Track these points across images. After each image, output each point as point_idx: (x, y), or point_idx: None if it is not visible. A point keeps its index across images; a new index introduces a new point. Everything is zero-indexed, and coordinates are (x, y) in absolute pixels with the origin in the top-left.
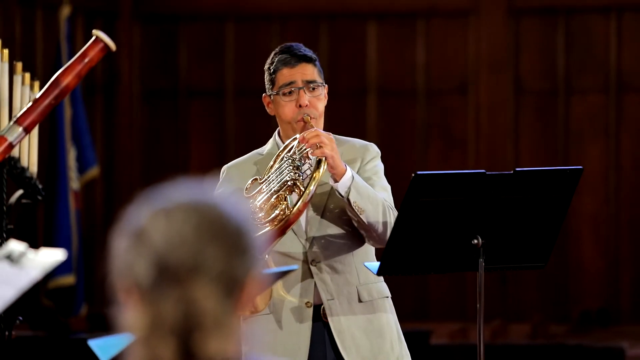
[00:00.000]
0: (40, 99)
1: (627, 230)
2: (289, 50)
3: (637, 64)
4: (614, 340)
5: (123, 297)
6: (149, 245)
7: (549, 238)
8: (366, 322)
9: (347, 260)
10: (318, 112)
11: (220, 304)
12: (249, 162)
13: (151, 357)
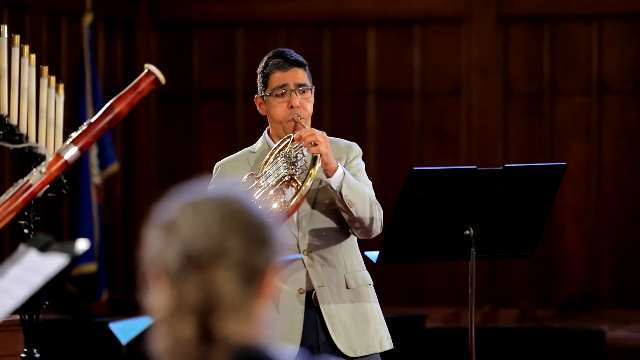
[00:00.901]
0: (94, 123)
1: (607, 222)
2: (282, 55)
3: (617, 68)
4: (595, 324)
5: (152, 282)
6: (177, 235)
7: (535, 229)
8: (353, 307)
9: (336, 250)
10: (307, 112)
11: (239, 290)
12: (241, 159)
13: (173, 335)
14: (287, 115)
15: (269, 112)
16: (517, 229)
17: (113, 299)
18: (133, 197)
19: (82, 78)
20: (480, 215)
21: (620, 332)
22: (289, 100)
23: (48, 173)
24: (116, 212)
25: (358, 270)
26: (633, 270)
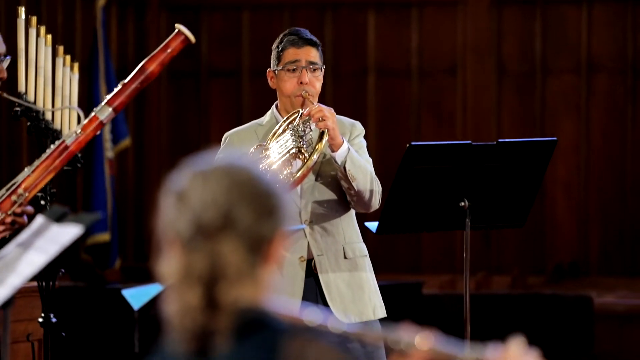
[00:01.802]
0: (128, 84)
1: (595, 194)
2: (297, 33)
3: (605, 48)
4: (583, 290)
5: (166, 248)
6: (187, 205)
7: (527, 201)
8: (349, 276)
9: (335, 222)
10: (315, 90)
11: (244, 258)
12: (249, 131)
13: (181, 303)
14: (296, 90)
15: (279, 86)
16: (510, 201)
17: (125, 267)
18: (144, 170)
19: (95, 57)
20: (474, 188)
21: (608, 298)
22: (300, 76)
23: (84, 133)
24: (128, 185)
25: (356, 242)
26: (619, 239)
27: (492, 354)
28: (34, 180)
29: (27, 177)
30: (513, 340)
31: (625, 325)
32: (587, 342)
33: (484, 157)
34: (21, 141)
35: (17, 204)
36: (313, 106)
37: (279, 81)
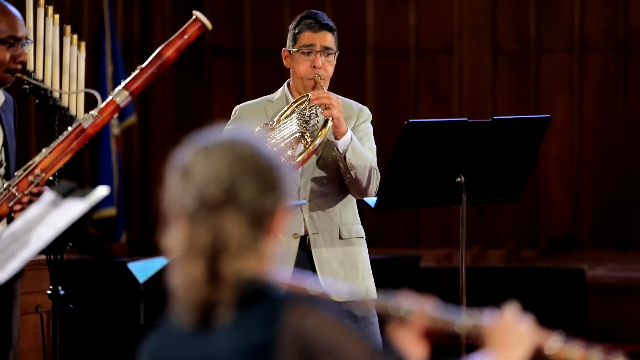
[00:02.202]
0: (145, 68)
1: (587, 170)
2: (315, 17)
3: (597, 27)
4: (575, 263)
5: (173, 222)
6: (191, 180)
7: (521, 176)
8: (344, 256)
9: (333, 202)
10: (327, 74)
11: (246, 232)
12: (259, 106)
13: (185, 275)
14: (308, 73)
15: (292, 66)
16: (505, 176)
17: (131, 241)
18: (149, 147)
19: (102, 36)
20: (470, 164)
21: (599, 270)
22: (313, 60)
23: (100, 117)
24: (134, 161)
25: (352, 223)
26: (611, 214)
27: (488, 320)
28: (50, 161)
29: (44, 158)
30: (508, 307)
31: (617, 297)
32: (580, 314)
33: (480, 133)
34: (29, 119)
35: (33, 184)
36: (321, 92)
37: (293, 62)
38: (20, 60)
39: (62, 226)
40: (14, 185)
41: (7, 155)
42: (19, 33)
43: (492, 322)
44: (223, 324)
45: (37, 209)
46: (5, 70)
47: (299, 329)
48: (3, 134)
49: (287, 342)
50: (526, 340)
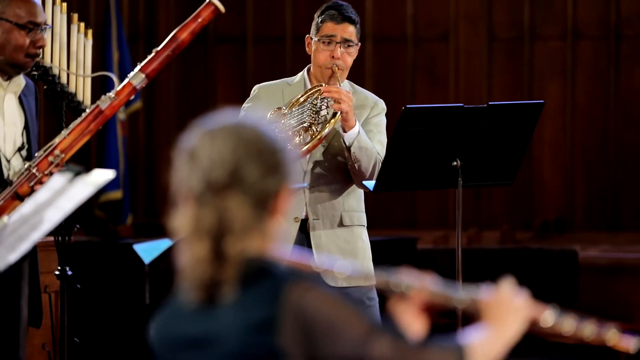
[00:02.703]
0: (160, 51)
1: (580, 154)
2: (339, 9)
3: (589, 15)
4: (568, 244)
5: (181, 203)
6: (197, 163)
7: (515, 160)
8: (344, 243)
9: (337, 189)
10: (346, 65)
11: (250, 212)
12: (277, 87)
13: (192, 255)
14: (327, 63)
15: (313, 54)
16: (500, 160)
17: (137, 223)
18: (154, 132)
19: (108, 24)
20: (466, 148)
21: (591, 251)
22: (333, 50)
23: (117, 99)
24: (139, 145)
25: (355, 211)
26: (603, 196)
27: (485, 294)
28: (69, 142)
29: (63, 139)
30: (504, 282)
31: (608, 277)
32: (572, 294)
33: (475, 119)
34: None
35: (53, 165)
36: (333, 87)
37: (314, 50)
38: (40, 45)
39: (70, 209)
40: (34, 166)
41: (28, 138)
42: (38, 19)
43: (489, 296)
44: (227, 302)
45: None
46: (26, 54)
47: (300, 305)
48: (24, 117)
49: (288, 318)
50: (522, 314)
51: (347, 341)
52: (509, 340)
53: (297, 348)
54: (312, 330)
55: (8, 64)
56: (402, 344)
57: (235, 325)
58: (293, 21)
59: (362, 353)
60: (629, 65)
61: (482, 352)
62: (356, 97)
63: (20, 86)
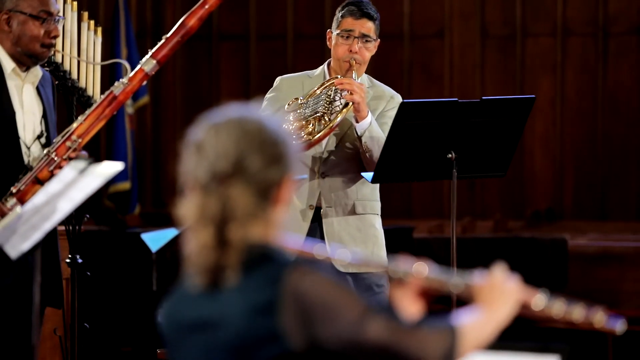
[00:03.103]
0: (170, 38)
1: (569, 146)
2: (358, 5)
3: (578, 13)
4: (558, 233)
5: (188, 192)
6: (204, 155)
7: (508, 152)
8: (355, 230)
9: (351, 178)
10: (363, 59)
11: (253, 201)
12: (298, 79)
13: (197, 241)
14: (345, 56)
15: (333, 48)
16: (493, 153)
17: (144, 213)
18: (161, 125)
19: (117, 21)
20: (460, 141)
21: (580, 240)
22: (351, 44)
23: (130, 84)
24: (146, 138)
25: (369, 199)
26: (591, 187)
27: (478, 279)
28: (86, 127)
29: (80, 125)
30: (496, 267)
31: (596, 265)
32: (562, 280)
33: (469, 113)
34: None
35: (71, 149)
36: (345, 79)
37: (333, 44)
38: (54, 35)
39: (80, 199)
40: (53, 151)
41: (47, 126)
42: (51, 8)
43: (482, 281)
44: (231, 286)
45: (58, 184)
46: (41, 45)
47: (298, 288)
48: (43, 106)
49: (288, 301)
50: (513, 297)
51: (343, 322)
52: (500, 322)
53: (296, 329)
54: (310, 312)
55: (25, 54)
56: (395, 324)
57: (238, 308)
58: (294, 19)
59: (358, 333)
60: (616, 61)
61: (473, 333)
62: (374, 90)
63: (37, 77)
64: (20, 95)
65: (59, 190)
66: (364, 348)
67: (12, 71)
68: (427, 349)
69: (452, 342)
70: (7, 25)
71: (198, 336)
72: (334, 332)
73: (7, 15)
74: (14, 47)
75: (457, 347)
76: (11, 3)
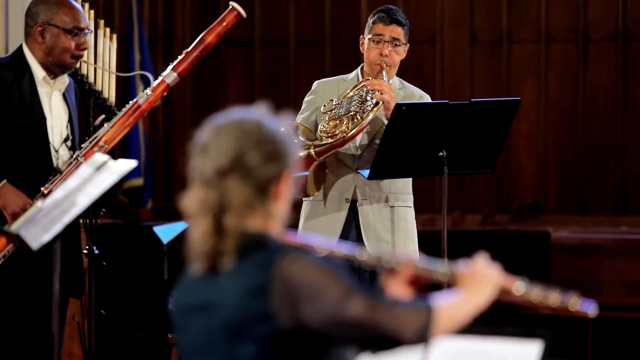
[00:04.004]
0: (190, 52)
1: (552, 144)
2: (388, 12)
3: (561, 21)
4: (541, 226)
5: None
6: (209, 155)
7: (495, 151)
8: (388, 221)
9: None
10: (393, 62)
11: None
12: (333, 83)
13: (197, 229)
14: (376, 59)
15: (365, 52)
16: (481, 151)
17: (156, 207)
18: (171, 126)
19: (130, 29)
20: (451, 140)
21: (562, 233)
22: (382, 48)
23: (153, 94)
24: (158, 138)
25: (401, 193)
26: (572, 183)
27: (462, 268)
28: (112, 134)
29: (106, 132)
30: (479, 256)
31: (577, 256)
32: (545, 270)
33: (459, 114)
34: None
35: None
36: (375, 81)
37: (365, 48)
38: (83, 48)
39: (97, 194)
40: (82, 155)
41: (72, 130)
42: (81, 24)
43: (465, 269)
44: (227, 270)
45: (76, 180)
46: (71, 56)
47: (286, 273)
48: (68, 111)
49: (277, 284)
50: (493, 282)
51: (326, 302)
52: (479, 305)
53: (285, 310)
54: (296, 294)
55: (55, 64)
56: (374, 302)
57: (233, 290)
58: (295, 26)
59: (339, 311)
60: (595, 66)
61: (450, 313)
62: (404, 91)
63: (64, 84)
64: (49, 102)
65: (77, 185)
66: (344, 325)
67: (42, 79)
68: (403, 326)
69: (427, 320)
70: (40, 36)
71: (199, 317)
72: (317, 312)
73: (41, 28)
74: (45, 57)
75: (432, 325)
76: (45, 16)
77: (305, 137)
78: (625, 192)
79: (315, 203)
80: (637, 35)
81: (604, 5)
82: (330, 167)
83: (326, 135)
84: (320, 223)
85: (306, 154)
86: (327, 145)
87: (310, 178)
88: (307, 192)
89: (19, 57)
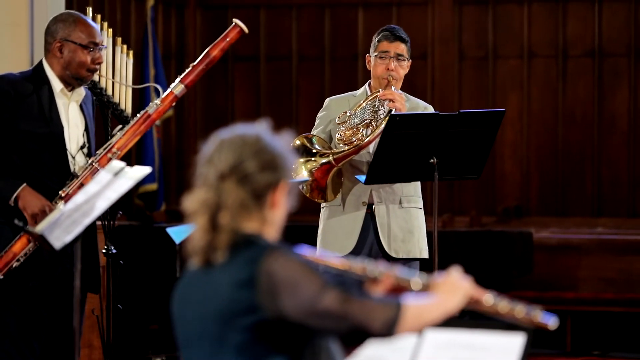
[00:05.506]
0: (196, 65)
1: (534, 152)
2: (392, 30)
3: (542, 39)
4: (525, 227)
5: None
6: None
7: (482, 158)
8: (402, 222)
9: None
10: (399, 76)
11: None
12: (344, 99)
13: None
14: (383, 74)
15: (372, 68)
16: (469, 158)
17: (169, 210)
18: (183, 135)
19: (146, 46)
20: (441, 148)
21: (543, 233)
22: (387, 63)
23: (162, 105)
24: (171, 146)
25: (412, 196)
26: (553, 188)
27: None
28: (124, 141)
29: (119, 139)
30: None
31: (557, 254)
32: (528, 267)
33: (449, 124)
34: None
35: (112, 160)
36: (386, 90)
37: (372, 65)
38: (98, 62)
39: (115, 198)
40: (96, 161)
41: (88, 138)
42: (97, 39)
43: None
44: (220, 264)
45: (95, 185)
46: (87, 70)
47: (270, 268)
48: (85, 121)
49: (262, 278)
50: (462, 292)
51: (303, 295)
52: (447, 310)
53: (268, 302)
54: (277, 288)
55: (73, 77)
56: (347, 296)
57: (225, 282)
58: (298, 43)
59: (315, 303)
60: (574, 80)
61: (418, 313)
62: (409, 103)
63: (81, 95)
64: (66, 112)
65: (96, 190)
66: (319, 316)
67: (60, 91)
68: (372, 318)
69: (396, 315)
70: (59, 52)
71: (195, 308)
72: (295, 304)
73: (60, 44)
74: (63, 70)
75: (400, 320)
76: (64, 33)
77: (321, 147)
78: (601, 196)
79: (334, 207)
80: (612, 52)
81: (582, 24)
82: (346, 174)
83: (343, 143)
84: (340, 224)
85: (327, 160)
86: (345, 152)
87: (329, 185)
88: (326, 197)
89: (39, 71)
